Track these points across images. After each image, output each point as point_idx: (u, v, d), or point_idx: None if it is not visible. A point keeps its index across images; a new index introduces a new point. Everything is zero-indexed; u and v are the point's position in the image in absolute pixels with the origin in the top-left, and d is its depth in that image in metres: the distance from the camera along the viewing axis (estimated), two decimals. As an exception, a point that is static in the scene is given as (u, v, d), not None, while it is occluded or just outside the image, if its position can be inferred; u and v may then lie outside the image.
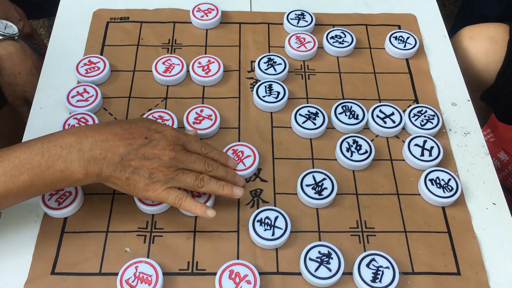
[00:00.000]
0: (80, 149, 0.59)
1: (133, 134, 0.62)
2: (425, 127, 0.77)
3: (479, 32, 0.99)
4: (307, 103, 0.81)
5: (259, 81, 0.83)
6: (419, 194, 0.72)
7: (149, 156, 0.61)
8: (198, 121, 0.76)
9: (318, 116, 0.77)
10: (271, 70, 0.83)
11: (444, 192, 0.70)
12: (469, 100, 0.83)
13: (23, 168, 0.57)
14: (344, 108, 0.79)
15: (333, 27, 0.91)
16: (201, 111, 0.77)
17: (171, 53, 0.87)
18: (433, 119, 0.78)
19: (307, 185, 0.70)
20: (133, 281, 0.61)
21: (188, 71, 0.84)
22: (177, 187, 0.64)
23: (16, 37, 0.87)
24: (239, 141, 0.76)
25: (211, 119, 0.76)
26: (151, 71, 0.83)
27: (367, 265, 0.64)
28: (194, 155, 0.65)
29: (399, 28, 0.92)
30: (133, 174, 0.61)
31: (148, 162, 0.61)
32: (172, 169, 0.62)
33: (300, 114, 0.78)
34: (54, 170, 0.58)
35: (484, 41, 0.97)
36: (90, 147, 0.59)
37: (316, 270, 0.63)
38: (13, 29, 0.87)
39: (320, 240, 0.67)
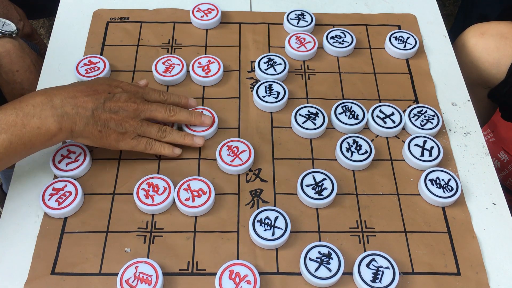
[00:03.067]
0: (53, 105, 0.63)
1: (97, 90, 0.67)
2: (425, 127, 0.77)
3: (489, 28, 0.99)
4: (307, 103, 0.81)
5: (259, 81, 0.83)
6: (419, 194, 0.72)
7: (115, 109, 0.67)
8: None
9: (318, 116, 0.77)
10: (271, 70, 0.83)
11: (444, 192, 0.70)
12: (469, 100, 0.83)
13: None
14: (344, 108, 0.79)
15: (333, 27, 0.91)
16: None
17: (171, 53, 0.87)
18: (433, 119, 0.78)
19: (307, 185, 0.70)
20: (133, 281, 0.61)
21: (188, 71, 0.84)
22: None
23: (14, 35, 0.87)
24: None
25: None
26: (151, 71, 0.83)
27: (367, 265, 0.64)
28: (154, 104, 0.71)
29: (399, 28, 0.92)
30: (104, 126, 0.66)
31: (115, 115, 0.66)
32: (137, 120, 0.68)
33: (300, 114, 0.78)
34: (30, 128, 0.61)
35: (495, 36, 0.97)
36: (61, 103, 0.63)
37: (316, 270, 0.63)
38: (11, 26, 0.87)
39: (320, 240, 0.67)
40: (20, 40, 0.89)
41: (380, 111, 0.79)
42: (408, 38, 0.88)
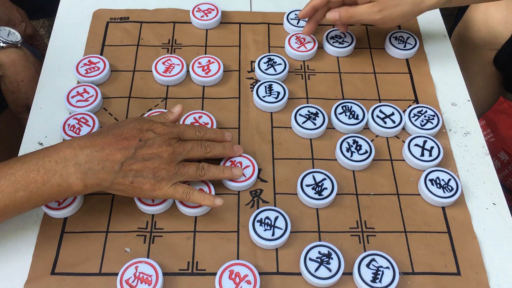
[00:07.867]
0: (76, 162, 0.59)
1: (127, 139, 0.61)
2: (425, 127, 0.77)
3: None
4: (307, 103, 0.81)
5: (259, 81, 0.83)
6: (419, 194, 0.72)
7: (148, 157, 0.62)
8: None
9: (318, 116, 0.77)
10: (271, 70, 0.83)
11: (444, 192, 0.70)
12: (469, 100, 0.83)
13: (19, 185, 0.57)
14: (344, 108, 0.79)
15: (333, 27, 0.91)
16: (200, 117, 0.77)
17: (171, 53, 0.87)
18: (433, 119, 0.78)
19: (307, 185, 0.70)
20: (133, 281, 0.61)
21: (188, 71, 0.84)
22: (181, 181, 0.65)
23: (19, 45, 0.87)
24: (238, 142, 0.76)
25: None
26: (151, 71, 0.83)
27: (367, 265, 0.64)
28: (189, 143, 0.66)
29: (399, 28, 0.92)
30: (136, 177, 0.61)
31: (149, 162, 0.62)
32: (173, 164, 0.63)
33: (300, 114, 0.78)
34: (50, 185, 0.58)
35: None
36: (87, 159, 0.59)
37: (316, 270, 0.63)
38: (16, 36, 0.87)
39: (320, 240, 0.67)
40: (25, 49, 0.89)
41: (380, 111, 0.79)
42: (408, 38, 0.88)
